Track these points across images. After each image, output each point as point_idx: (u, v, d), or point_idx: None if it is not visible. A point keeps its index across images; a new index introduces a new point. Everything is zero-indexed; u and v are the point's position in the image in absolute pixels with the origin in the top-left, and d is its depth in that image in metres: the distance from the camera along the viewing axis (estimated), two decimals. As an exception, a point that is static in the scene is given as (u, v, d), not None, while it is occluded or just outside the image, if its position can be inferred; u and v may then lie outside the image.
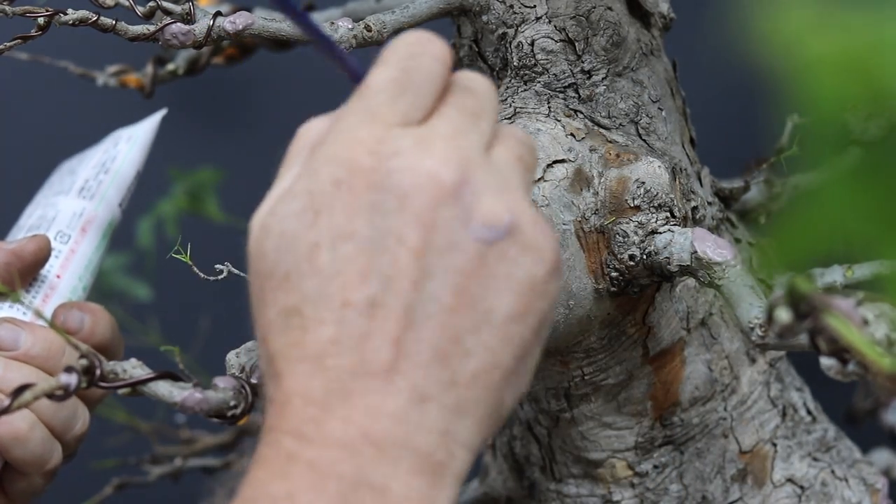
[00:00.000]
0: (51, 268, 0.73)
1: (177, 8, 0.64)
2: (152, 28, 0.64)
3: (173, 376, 0.55)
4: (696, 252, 0.61)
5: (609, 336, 0.68)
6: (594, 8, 0.67)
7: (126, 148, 0.80)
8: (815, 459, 0.74)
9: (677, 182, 0.67)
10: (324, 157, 0.47)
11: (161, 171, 1.18)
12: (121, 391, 0.54)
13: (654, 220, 0.64)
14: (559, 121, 0.66)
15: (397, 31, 0.67)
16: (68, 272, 0.73)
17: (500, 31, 0.68)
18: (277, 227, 0.47)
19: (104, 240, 0.77)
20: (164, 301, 1.21)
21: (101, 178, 0.77)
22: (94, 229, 0.76)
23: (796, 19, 0.32)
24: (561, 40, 0.67)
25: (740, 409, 0.72)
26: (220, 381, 0.57)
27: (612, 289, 0.64)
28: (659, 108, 0.70)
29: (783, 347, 0.56)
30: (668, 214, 0.64)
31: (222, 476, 1.00)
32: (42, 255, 0.71)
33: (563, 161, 0.64)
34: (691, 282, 0.69)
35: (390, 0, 0.84)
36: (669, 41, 0.74)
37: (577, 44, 0.67)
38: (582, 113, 0.67)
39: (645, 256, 0.63)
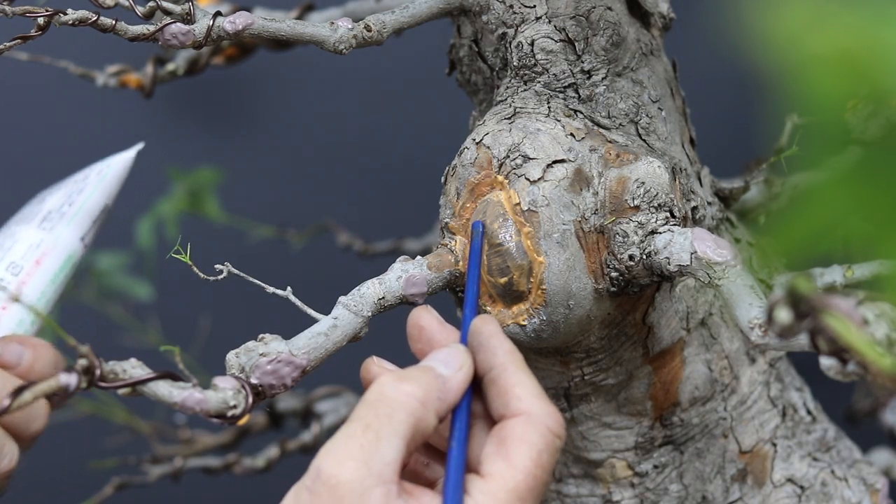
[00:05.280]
0: None
1: (177, 8, 0.64)
2: (152, 28, 0.64)
3: (173, 376, 0.55)
4: (695, 252, 0.61)
5: (609, 336, 0.68)
6: (594, 8, 0.67)
7: (95, 181, 0.77)
8: (815, 459, 0.74)
9: (677, 182, 0.67)
10: None
11: (161, 171, 1.18)
12: (121, 391, 0.54)
13: (653, 220, 0.64)
14: (559, 121, 0.66)
15: (397, 31, 0.67)
16: (15, 305, 0.71)
17: (500, 31, 0.68)
18: None
19: (62, 273, 0.74)
20: (164, 301, 1.21)
21: (64, 210, 0.75)
22: (49, 262, 0.73)
23: (795, 18, 0.32)
24: (561, 40, 0.67)
25: (740, 409, 0.72)
26: (220, 381, 0.57)
27: (612, 289, 0.64)
28: (659, 108, 0.70)
29: (783, 347, 0.56)
30: (668, 214, 0.64)
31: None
32: None
33: (562, 161, 0.64)
34: (691, 282, 0.69)
35: (390, 0, 0.84)
36: (669, 41, 0.74)
37: (576, 44, 0.67)
38: (582, 113, 0.67)
39: (645, 256, 0.63)
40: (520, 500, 0.53)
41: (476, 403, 0.57)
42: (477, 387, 0.57)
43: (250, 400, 0.57)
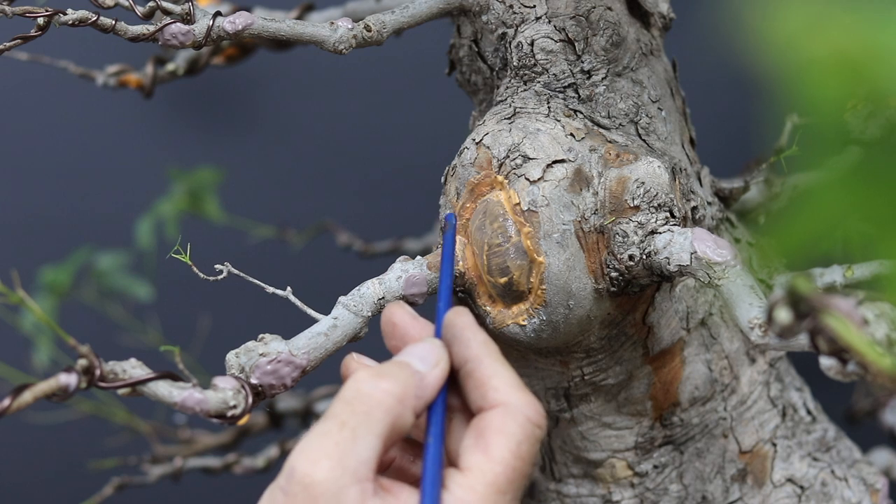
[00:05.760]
0: None
1: (176, 8, 0.64)
2: (152, 28, 0.64)
3: (173, 376, 0.55)
4: (695, 252, 0.61)
5: (609, 336, 0.68)
6: (594, 8, 0.67)
7: None
8: (815, 459, 0.74)
9: (677, 182, 0.67)
10: None
11: (161, 171, 1.18)
12: (121, 391, 0.54)
13: (653, 220, 0.64)
14: (559, 121, 0.66)
15: (397, 31, 0.67)
16: None
17: (500, 31, 0.68)
18: None
19: None
20: (164, 301, 1.22)
21: None
22: None
23: (794, 19, 0.32)
24: (560, 40, 0.67)
25: (740, 409, 0.72)
26: (220, 381, 0.57)
27: (612, 289, 0.64)
28: (659, 108, 0.70)
29: (783, 347, 0.56)
30: (668, 214, 0.64)
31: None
32: None
33: (562, 161, 0.64)
34: (691, 282, 0.69)
35: (390, 0, 0.84)
36: (669, 41, 0.74)
37: (576, 44, 0.67)
38: (581, 113, 0.67)
39: (644, 256, 0.63)
40: (499, 493, 0.52)
41: (453, 397, 0.57)
42: (453, 380, 0.57)
43: (250, 400, 0.57)
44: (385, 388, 0.53)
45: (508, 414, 0.54)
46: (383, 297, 0.63)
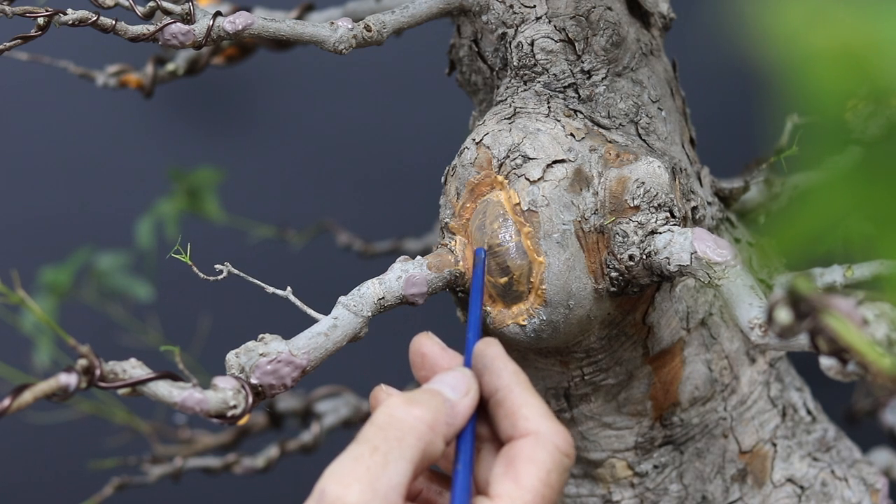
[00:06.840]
0: None
1: (176, 8, 0.64)
2: (152, 28, 0.64)
3: (173, 376, 0.55)
4: (695, 252, 0.61)
5: (609, 336, 0.68)
6: (594, 8, 0.67)
7: None
8: (815, 459, 0.74)
9: (677, 182, 0.67)
10: None
11: (161, 171, 1.18)
12: (121, 391, 0.54)
13: (653, 220, 0.64)
14: (559, 121, 0.66)
15: (397, 31, 0.67)
16: None
17: (500, 31, 0.68)
18: None
19: None
20: (164, 301, 1.22)
21: None
22: None
23: (795, 14, 0.32)
24: (561, 40, 0.67)
25: (740, 409, 0.72)
26: (220, 381, 0.57)
27: (612, 289, 0.64)
28: (659, 108, 0.70)
29: (783, 347, 0.56)
30: (668, 214, 0.64)
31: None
32: None
33: (562, 161, 0.64)
34: (691, 282, 0.69)
35: (390, 0, 0.84)
36: (669, 41, 0.74)
37: (576, 44, 0.67)
38: (582, 113, 0.67)
39: (645, 256, 0.63)
40: None
41: (482, 426, 0.57)
42: (482, 409, 0.57)
43: (250, 400, 0.57)
44: (417, 414, 0.53)
45: (538, 443, 0.54)
46: (383, 297, 0.63)
